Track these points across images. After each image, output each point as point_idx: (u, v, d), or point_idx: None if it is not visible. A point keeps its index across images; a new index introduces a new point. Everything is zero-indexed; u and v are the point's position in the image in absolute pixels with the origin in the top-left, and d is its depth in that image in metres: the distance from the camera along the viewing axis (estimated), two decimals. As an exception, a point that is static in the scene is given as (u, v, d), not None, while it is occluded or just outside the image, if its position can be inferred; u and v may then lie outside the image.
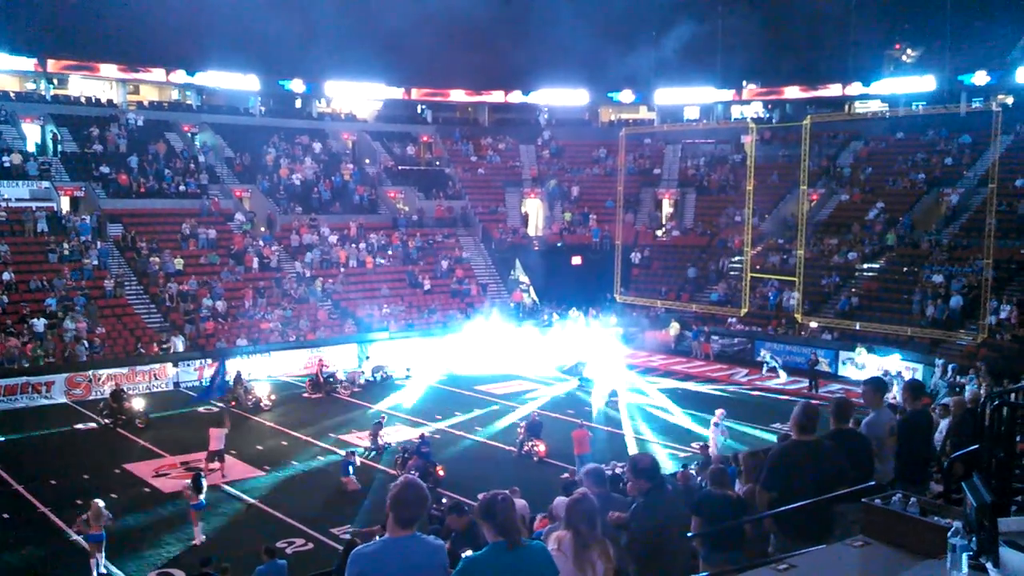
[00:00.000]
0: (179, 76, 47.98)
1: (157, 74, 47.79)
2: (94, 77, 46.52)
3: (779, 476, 6.44)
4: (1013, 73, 44.11)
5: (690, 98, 54.42)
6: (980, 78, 45.41)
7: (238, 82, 48.80)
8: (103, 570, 15.21)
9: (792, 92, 52.07)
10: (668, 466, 19.30)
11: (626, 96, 55.24)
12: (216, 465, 20.92)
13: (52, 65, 44.68)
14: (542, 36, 48.89)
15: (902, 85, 48.25)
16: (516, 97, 55.41)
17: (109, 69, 46.17)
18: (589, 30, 47.76)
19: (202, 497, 17.19)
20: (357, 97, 53.41)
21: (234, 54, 45.53)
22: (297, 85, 50.96)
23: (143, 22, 44.92)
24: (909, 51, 53.55)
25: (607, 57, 48.09)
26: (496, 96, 55.52)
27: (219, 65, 47.47)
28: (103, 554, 15.21)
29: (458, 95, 55.21)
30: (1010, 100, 44.21)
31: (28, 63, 44.28)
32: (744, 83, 52.32)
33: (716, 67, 50.92)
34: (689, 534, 6.82)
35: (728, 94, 53.52)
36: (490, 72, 52.63)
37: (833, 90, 50.71)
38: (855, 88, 49.86)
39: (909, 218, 39.17)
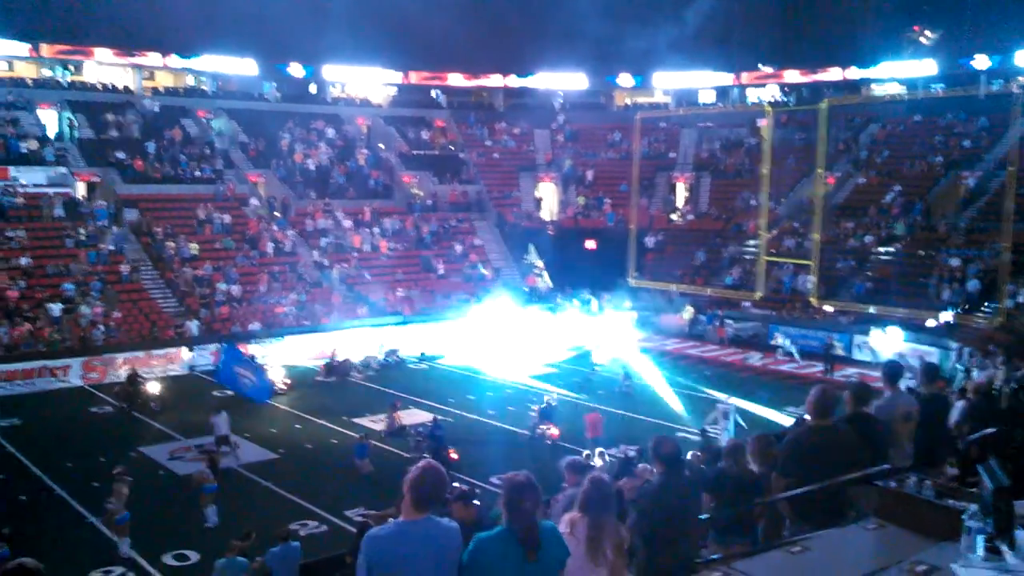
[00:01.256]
0: (175, 60, 47.47)
1: (153, 58, 47.19)
2: (91, 61, 46.05)
3: (796, 462, 6.40)
4: (1012, 57, 43.86)
5: (689, 82, 54.09)
6: (981, 62, 45.25)
7: (235, 66, 48.34)
8: (127, 552, 15.39)
9: (792, 76, 51.81)
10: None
11: (625, 80, 54.85)
12: (226, 450, 21.04)
13: (45, 50, 44.22)
14: (541, 20, 48.61)
15: (904, 69, 47.79)
16: (514, 81, 55.02)
17: (104, 54, 45.62)
18: (588, 13, 47.60)
19: (215, 482, 17.35)
20: (356, 81, 52.97)
21: (231, 38, 45.23)
22: (296, 69, 50.24)
23: (138, 6, 44.63)
24: (928, 33, 52.95)
25: (606, 40, 47.92)
26: (495, 80, 55.06)
27: (216, 49, 46.95)
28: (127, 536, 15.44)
29: (456, 79, 54.63)
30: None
31: (22, 48, 43.93)
32: (759, 65, 51.91)
33: (715, 51, 50.45)
34: (703, 516, 6.80)
35: (728, 78, 53.13)
36: (489, 56, 52.25)
37: (833, 74, 50.39)
38: (854, 72, 49.44)
39: (920, 207, 38.70)
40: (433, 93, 55.63)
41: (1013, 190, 32.67)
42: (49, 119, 41.53)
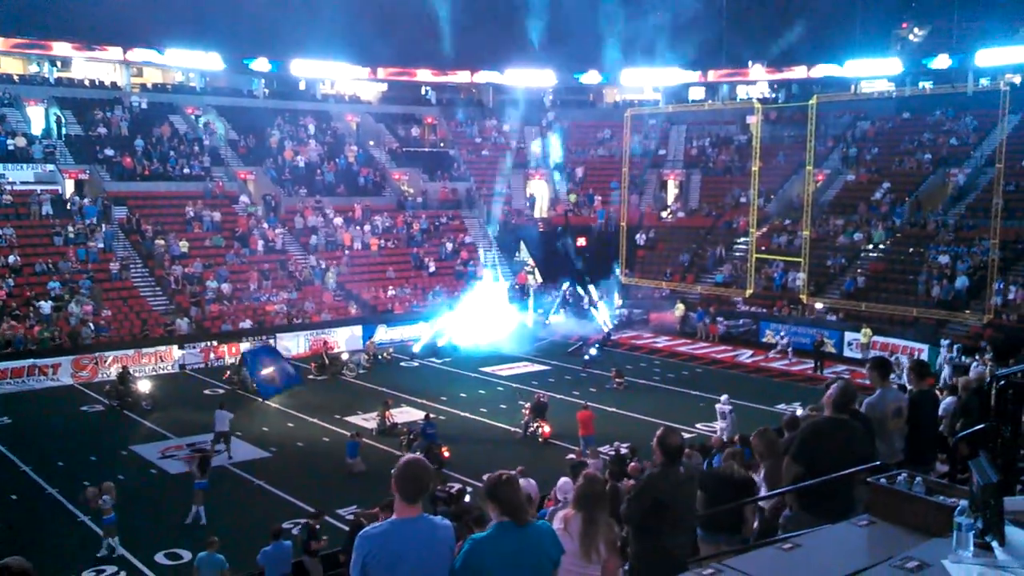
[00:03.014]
0: (137, 54, 46.24)
1: (114, 52, 45.48)
2: (49, 56, 44.90)
3: (809, 449, 6.42)
4: (972, 57, 44.69)
5: (655, 79, 54.69)
6: (942, 61, 46.46)
7: (199, 61, 47.35)
8: (115, 553, 15.36)
9: (758, 73, 52.53)
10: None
11: (591, 77, 55.11)
12: (220, 448, 21.02)
13: (1, 44, 43.21)
14: (507, 16, 48.60)
15: (868, 68, 48.45)
16: (482, 77, 54.76)
17: (63, 47, 44.37)
18: (554, 10, 47.80)
19: (205, 478, 17.31)
20: (324, 75, 52.24)
21: (195, 32, 44.63)
22: (262, 64, 49.15)
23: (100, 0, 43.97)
24: (916, 30, 53.26)
25: (572, 38, 48.21)
26: (462, 76, 54.78)
27: (179, 43, 45.99)
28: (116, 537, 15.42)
29: (424, 75, 54.21)
30: (1017, 79, 44.03)
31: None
32: (751, 62, 52.11)
33: (682, 49, 50.90)
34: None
35: (694, 75, 53.72)
36: (456, 51, 52.00)
37: (798, 72, 51.19)
38: (820, 70, 50.07)
39: (900, 210, 38.74)
40: (423, 90, 55.53)
41: (1001, 187, 32.85)
42: (36, 116, 41.32)
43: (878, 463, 6.31)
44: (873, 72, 48.28)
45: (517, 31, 48.76)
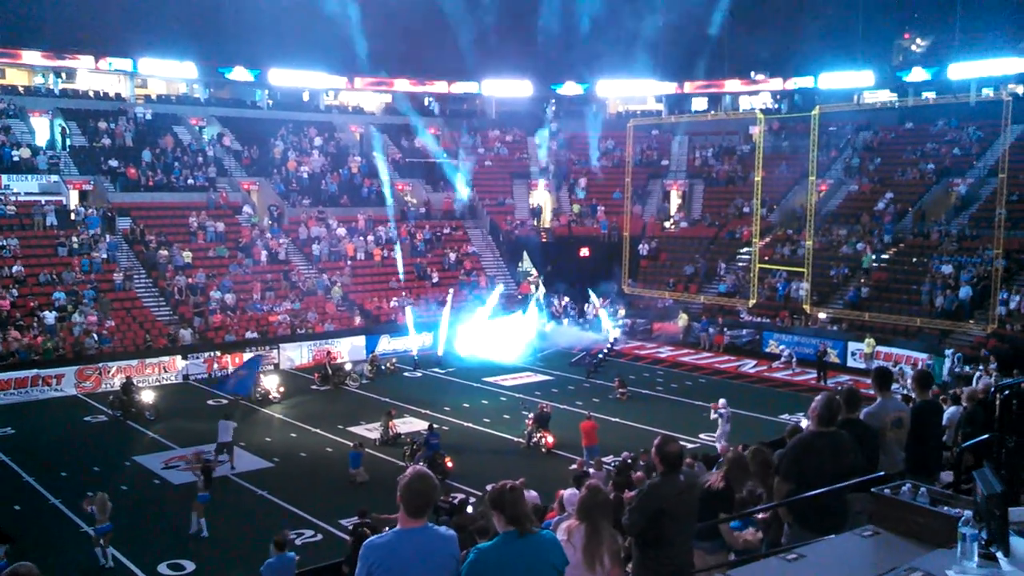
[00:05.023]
0: (108, 63, 45.58)
1: (86, 61, 45.10)
2: (16, 65, 44.78)
3: (798, 467, 6.43)
4: (945, 70, 45.33)
5: (632, 90, 55.47)
6: (917, 74, 47.18)
7: (174, 70, 47.18)
8: (110, 563, 15.33)
9: (733, 85, 53.31)
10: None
11: (570, 88, 55.32)
12: (223, 458, 21.02)
13: None
14: (485, 26, 48.63)
15: (843, 80, 48.87)
16: (460, 87, 54.80)
17: (32, 56, 43.92)
18: (531, 21, 47.87)
19: (207, 491, 17.31)
20: (301, 85, 51.86)
21: (170, 40, 44.37)
22: (240, 73, 48.88)
23: (71, 6, 43.55)
24: (919, 40, 53.32)
25: (550, 48, 48.57)
26: (440, 86, 54.76)
27: (154, 52, 45.58)
28: (109, 546, 15.38)
29: (403, 84, 54.03)
30: (1020, 90, 44.18)
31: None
32: (755, 73, 52.27)
33: (658, 60, 51.37)
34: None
35: (670, 87, 54.29)
36: (434, 62, 51.87)
37: (774, 84, 51.96)
38: (794, 83, 50.77)
39: (890, 227, 38.61)
40: (426, 101, 55.64)
41: (1004, 196, 32.86)
42: (41, 127, 41.46)
43: (881, 474, 6.30)
44: (846, 85, 48.76)
45: (494, 42, 48.74)
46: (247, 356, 30.80)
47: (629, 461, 16.32)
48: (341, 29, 44.90)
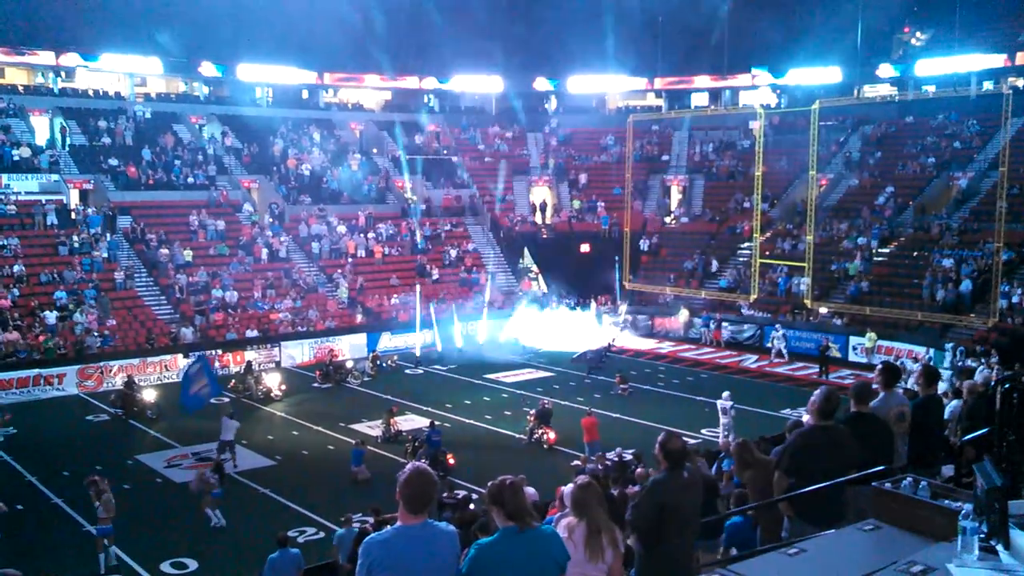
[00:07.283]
0: (69, 59, 44.86)
1: (45, 57, 43.98)
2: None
3: (797, 461, 6.44)
4: (913, 67, 45.94)
5: (601, 86, 55.67)
6: (885, 71, 47.73)
7: (137, 65, 46.17)
8: (113, 561, 15.35)
9: (703, 82, 53.87)
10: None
11: (540, 84, 55.39)
12: (226, 457, 21.03)
13: None
14: (455, 23, 48.52)
15: (809, 76, 49.00)
16: (430, 83, 54.48)
17: None
18: (502, 16, 47.68)
19: (220, 487, 17.43)
20: (271, 80, 51.11)
21: (132, 35, 43.85)
22: (207, 68, 48.33)
23: (32, 2, 43.13)
24: (919, 34, 53.16)
25: (519, 44, 48.68)
26: (411, 82, 54.33)
27: (116, 47, 44.73)
28: (112, 546, 15.41)
29: (373, 80, 53.64)
30: (1020, 83, 44.08)
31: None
32: (738, 71, 52.26)
33: (628, 57, 51.52)
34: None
35: (640, 83, 54.68)
36: (404, 58, 51.61)
37: (742, 80, 52.54)
38: (764, 78, 51.30)
39: (877, 230, 38.56)
40: (426, 98, 55.58)
41: (1005, 190, 32.82)
42: (41, 126, 41.43)
43: (882, 467, 6.30)
44: (814, 81, 48.68)
45: (464, 38, 48.63)
46: (183, 364, 28.92)
47: (627, 458, 16.32)
48: (311, 24, 44.74)
